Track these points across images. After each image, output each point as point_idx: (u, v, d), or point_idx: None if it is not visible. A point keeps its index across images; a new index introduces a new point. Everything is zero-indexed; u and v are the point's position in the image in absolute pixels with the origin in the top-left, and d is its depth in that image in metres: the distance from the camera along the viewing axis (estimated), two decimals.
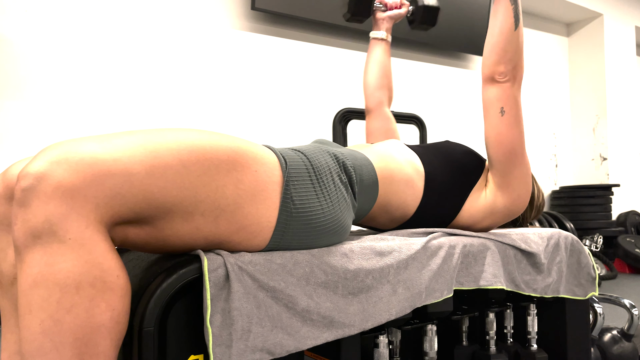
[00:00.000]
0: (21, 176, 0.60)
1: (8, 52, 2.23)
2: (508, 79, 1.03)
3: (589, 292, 1.23)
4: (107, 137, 0.66)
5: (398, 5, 1.44)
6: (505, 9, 1.04)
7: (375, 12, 1.44)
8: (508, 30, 1.03)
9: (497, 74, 1.03)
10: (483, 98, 1.07)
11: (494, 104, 1.04)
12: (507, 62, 1.03)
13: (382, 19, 1.44)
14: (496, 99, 1.04)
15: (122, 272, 0.64)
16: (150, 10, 2.57)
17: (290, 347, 0.78)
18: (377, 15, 1.45)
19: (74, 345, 0.60)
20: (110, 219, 0.64)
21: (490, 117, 1.05)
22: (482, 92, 1.07)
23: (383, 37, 1.45)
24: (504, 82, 1.03)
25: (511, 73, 1.03)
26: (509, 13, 1.04)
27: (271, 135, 2.90)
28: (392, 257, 0.91)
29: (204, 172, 0.71)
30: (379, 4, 1.43)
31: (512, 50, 1.03)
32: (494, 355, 1.15)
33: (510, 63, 1.03)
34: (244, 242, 0.78)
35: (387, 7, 1.44)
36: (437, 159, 1.10)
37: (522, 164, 1.06)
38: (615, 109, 4.49)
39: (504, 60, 1.03)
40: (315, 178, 0.85)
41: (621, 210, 4.47)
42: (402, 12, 1.44)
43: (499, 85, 1.04)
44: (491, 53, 1.04)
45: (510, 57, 1.03)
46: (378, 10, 1.44)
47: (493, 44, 1.04)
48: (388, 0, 1.43)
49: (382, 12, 1.44)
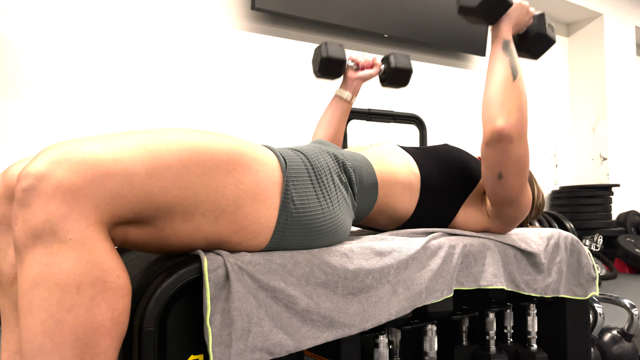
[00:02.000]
0: (22, 176, 0.60)
1: (8, 52, 2.23)
2: (510, 138, 0.93)
3: (589, 292, 1.23)
4: (107, 137, 0.66)
5: (370, 65, 1.39)
6: (500, 61, 1.00)
7: (346, 70, 1.39)
8: (505, 81, 0.97)
9: (497, 131, 0.93)
10: (481, 155, 0.99)
11: (492, 168, 0.98)
12: (508, 115, 0.94)
13: (352, 78, 1.39)
14: (494, 162, 0.97)
15: (123, 272, 0.64)
16: (150, 10, 2.57)
17: (290, 347, 0.78)
18: (348, 74, 1.39)
19: (75, 346, 0.60)
20: (110, 219, 0.64)
21: (487, 176, 0.99)
22: (481, 148, 0.99)
23: (347, 99, 1.40)
24: (505, 143, 0.94)
25: (514, 129, 0.93)
26: (504, 64, 0.99)
27: (271, 135, 2.90)
28: (392, 257, 0.91)
29: (205, 172, 0.71)
30: (351, 62, 1.38)
31: (511, 103, 0.94)
32: (494, 355, 1.15)
33: (512, 116, 0.94)
34: (244, 242, 0.78)
35: (359, 66, 1.39)
36: (434, 162, 1.10)
37: (520, 203, 1.02)
38: (615, 109, 4.50)
39: (503, 113, 0.94)
40: (315, 178, 0.85)
41: (621, 210, 4.47)
42: (374, 72, 1.39)
43: (499, 147, 0.94)
44: (489, 107, 0.96)
45: (510, 110, 0.94)
46: (350, 69, 1.38)
47: (490, 98, 0.97)
48: (360, 60, 1.39)
49: (353, 72, 1.39)
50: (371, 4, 3.14)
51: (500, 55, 1.01)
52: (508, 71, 0.98)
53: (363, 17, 3.12)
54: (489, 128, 0.95)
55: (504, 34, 1.04)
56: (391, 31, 3.26)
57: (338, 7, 3.01)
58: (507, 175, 0.97)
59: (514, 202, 1.02)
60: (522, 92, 0.97)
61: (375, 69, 1.40)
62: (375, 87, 3.32)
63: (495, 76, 0.99)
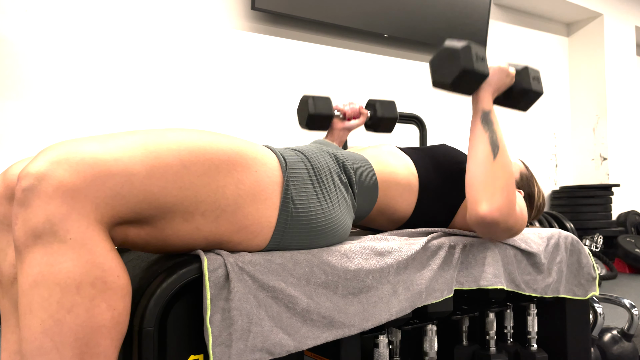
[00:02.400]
0: (22, 176, 0.60)
1: (8, 52, 2.23)
2: (495, 223, 0.90)
3: (589, 292, 1.23)
4: (107, 137, 0.66)
5: (357, 114, 1.36)
6: (480, 137, 0.96)
7: (333, 121, 1.36)
8: (485, 161, 0.92)
9: (481, 217, 0.90)
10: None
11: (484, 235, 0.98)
12: (489, 199, 0.89)
13: (338, 129, 1.36)
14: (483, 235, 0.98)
15: (123, 272, 0.64)
16: (150, 11, 2.57)
17: (290, 347, 0.78)
18: (334, 125, 1.36)
19: (75, 345, 0.60)
20: (110, 219, 0.64)
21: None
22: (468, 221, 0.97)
23: None
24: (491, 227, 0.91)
25: (498, 213, 0.89)
26: (484, 142, 0.95)
27: (271, 135, 2.90)
28: (392, 257, 0.91)
29: (205, 172, 0.71)
30: (337, 112, 1.35)
31: (493, 184, 0.90)
32: (494, 355, 1.15)
33: (494, 200, 0.89)
34: (244, 242, 0.78)
35: (346, 116, 1.36)
36: (432, 163, 1.09)
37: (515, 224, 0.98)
38: (615, 109, 4.49)
39: (485, 197, 0.90)
40: (315, 178, 0.85)
41: (621, 210, 4.47)
42: (360, 122, 1.37)
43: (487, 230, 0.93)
44: (471, 190, 0.92)
45: (492, 193, 0.89)
46: (336, 118, 1.36)
47: (471, 179, 0.93)
48: (347, 110, 1.35)
49: (339, 121, 1.36)
50: (371, 4, 3.14)
51: (479, 130, 0.97)
52: (487, 149, 0.94)
53: (363, 17, 3.12)
54: (473, 214, 0.92)
55: (484, 104, 1.01)
56: (391, 31, 3.26)
57: (338, 7, 3.01)
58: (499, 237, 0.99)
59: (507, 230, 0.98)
60: (505, 169, 0.92)
61: (361, 119, 1.37)
62: (375, 87, 3.33)
63: (476, 155, 0.96)
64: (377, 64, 3.30)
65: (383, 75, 3.39)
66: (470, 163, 0.96)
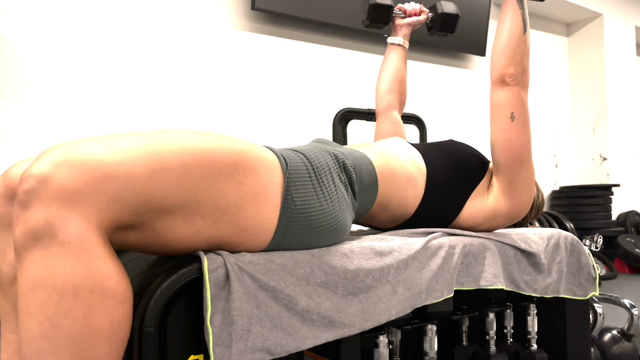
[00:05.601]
0: (24, 178, 0.60)
1: (8, 52, 2.23)
2: (517, 83, 1.03)
3: (589, 292, 1.23)
4: (109, 139, 0.65)
5: (417, 12, 1.44)
6: (514, 13, 1.04)
7: (394, 18, 1.44)
8: (518, 33, 1.03)
9: (508, 76, 1.03)
10: (491, 101, 1.06)
11: (505, 108, 1.03)
12: (517, 64, 1.03)
13: (400, 25, 1.45)
14: (507, 102, 1.03)
15: (122, 278, 0.64)
16: (150, 11, 2.57)
17: (290, 347, 0.78)
18: (395, 22, 1.45)
19: (72, 350, 0.59)
20: (111, 222, 0.63)
21: (500, 121, 1.04)
22: (490, 95, 1.06)
23: (400, 43, 1.45)
24: (514, 86, 1.03)
25: (520, 76, 1.03)
26: (517, 17, 1.04)
27: (271, 135, 2.90)
28: (392, 257, 0.91)
29: (207, 175, 0.70)
30: (398, 10, 1.42)
31: (521, 53, 1.03)
32: (494, 355, 1.15)
33: (520, 66, 1.03)
34: (245, 243, 0.78)
35: (407, 14, 1.44)
36: (440, 157, 1.10)
37: (528, 170, 1.06)
38: (615, 109, 4.49)
39: (514, 62, 1.03)
40: (315, 178, 0.85)
41: (621, 210, 4.47)
42: (422, 19, 1.44)
43: (510, 88, 1.03)
44: (501, 55, 1.04)
45: (519, 60, 1.03)
46: (397, 16, 1.44)
47: (503, 46, 1.04)
48: (407, 7, 1.43)
49: (401, 19, 1.44)
50: None
51: (514, 7, 1.05)
52: (520, 24, 1.04)
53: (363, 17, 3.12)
54: (501, 72, 1.03)
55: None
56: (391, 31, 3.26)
57: (338, 7, 3.01)
58: (518, 117, 1.03)
59: (525, 160, 1.04)
60: (528, 45, 1.05)
61: (423, 16, 1.44)
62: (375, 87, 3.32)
63: (508, 27, 1.04)
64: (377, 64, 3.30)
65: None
66: (501, 33, 1.05)
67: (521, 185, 1.05)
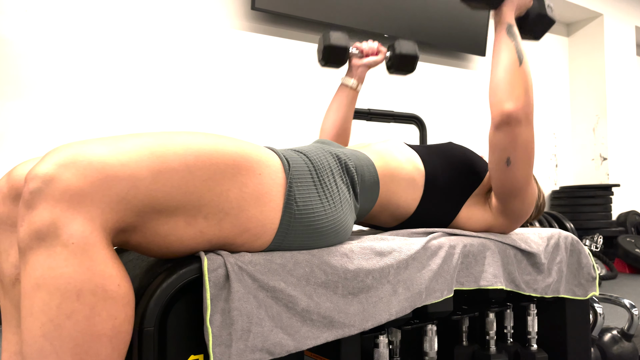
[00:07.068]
0: (29, 178, 0.60)
1: (8, 52, 2.23)
2: (519, 122, 0.95)
3: (589, 292, 1.23)
4: (114, 140, 0.66)
5: (375, 52, 1.38)
6: (506, 45, 1.00)
7: (351, 58, 1.38)
8: (512, 65, 0.98)
9: (507, 115, 0.95)
10: (489, 141, 1.00)
11: (501, 153, 0.98)
12: (516, 99, 0.95)
13: (357, 65, 1.39)
14: (503, 147, 0.97)
15: (124, 281, 0.64)
16: (150, 11, 2.57)
17: (290, 347, 0.78)
18: (352, 62, 1.39)
19: (74, 352, 0.59)
20: (115, 224, 0.63)
21: (495, 162, 1.00)
22: (489, 134, 1.00)
23: (353, 87, 1.40)
24: (515, 127, 0.95)
25: (522, 112, 0.95)
26: (510, 49, 0.99)
27: (271, 135, 2.90)
28: (392, 257, 0.91)
29: (210, 177, 0.70)
30: (355, 50, 1.37)
31: (520, 87, 0.96)
32: (494, 355, 1.15)
33: (520, 100, 0.95)
34: (247, 244, 0.78)
35: (364, 53, 1.38)
36: (439, 159, 1.10)
37: (526, 195, 1.03)
38: (615, 109, 4.50)
39: (512, 97, 0.95)
40: (317, 179, 0.85)
41: (621, 210, 4.47)
42: (379, 59, 1.39)
43: (508, 130, 0.96)
44: (497, 91, 0.97)
45: (519, 94, 0.96)
46: (354, 56, 1.38)
47: (498, 82, 0.98)
48: (364, 47, 1.38)
49: (358, 59, 1.38)
50: (371, 4, 3.14)
51: (505, 39, 1.01)
52: (514, 56, 0.99)
53: (363, 17, 3.12)
54: (498, 111, 0.96)
55: (507, 18, 1.04)
56: (391, 31, 3.26)
57: (338, 7, 3.01)
58: (515, 161, 0.98)
59: (520, 193, 1.02)
60: (528, 76, 0.98)
61: (380, 56, 1.40)
62: (375, 87, 3.32)
63: (502, 61, 0.99)
64: None
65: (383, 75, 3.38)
66: (496, 68, 1.00)
67: (518, 207, 1.05)
